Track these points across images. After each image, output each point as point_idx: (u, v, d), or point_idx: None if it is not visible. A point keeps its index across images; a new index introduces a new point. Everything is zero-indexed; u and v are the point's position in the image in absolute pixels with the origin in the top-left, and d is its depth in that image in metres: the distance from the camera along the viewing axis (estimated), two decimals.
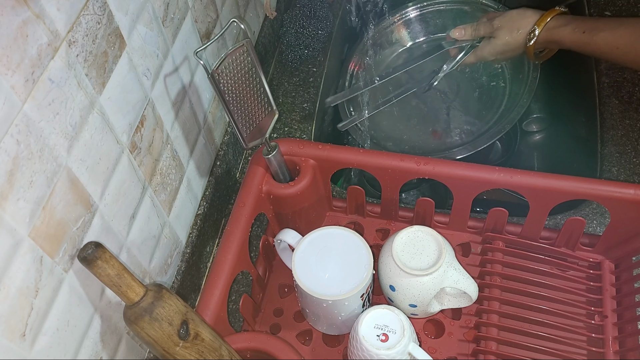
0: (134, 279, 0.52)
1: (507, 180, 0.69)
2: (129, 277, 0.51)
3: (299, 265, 0.67)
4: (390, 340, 0.61)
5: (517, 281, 0.74)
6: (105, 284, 0.51)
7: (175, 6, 0.67)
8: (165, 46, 0.65)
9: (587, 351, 0.68)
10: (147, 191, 0.64)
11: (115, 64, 0.55)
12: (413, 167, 0.72)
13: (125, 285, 0.51)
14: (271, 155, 0.71)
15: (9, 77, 0.41)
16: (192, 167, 0.76)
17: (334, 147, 0.75)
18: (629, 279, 0.71)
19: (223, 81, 0.60)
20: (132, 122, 0.60)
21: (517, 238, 0.76)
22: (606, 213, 0.78)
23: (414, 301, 0.68)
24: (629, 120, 0.88)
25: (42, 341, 0.48)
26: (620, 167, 0.84)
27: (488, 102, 1.02)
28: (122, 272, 0.51)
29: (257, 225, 0.84)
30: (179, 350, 0.55)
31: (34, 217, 0.46)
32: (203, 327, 0.58)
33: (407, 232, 0.69)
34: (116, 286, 0.51)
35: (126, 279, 0.51)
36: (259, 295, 0.76)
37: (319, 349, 0.72)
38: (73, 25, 0.48)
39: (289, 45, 1.02)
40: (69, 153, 0.50)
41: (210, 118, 0.81)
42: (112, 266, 0.50)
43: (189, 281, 0.76)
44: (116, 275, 0.50)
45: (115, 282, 0.51)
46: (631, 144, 0.86)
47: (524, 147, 1.13)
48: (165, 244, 0.70)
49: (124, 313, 0.54)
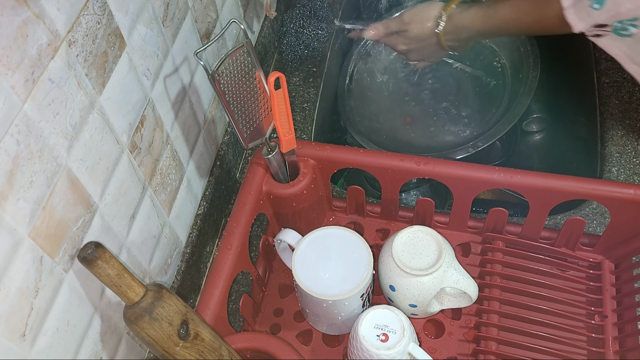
0: (134, 279, 0.52)
1: (507, 180, 0.69)
2: (128, 277, 0.51)
3: (299, 266, 0.67)
4: (390, 340, 0.61)
5: (517, 281, 0.74)
6: (105, 284, 0.51)
7: (175, 6, 0.67)
8: (165, 46, 0.65)
9: (587, 351, 0.68)
10: (147, 191, 0.64)
11: (115, 64, 0.55)
12: (413, 167, 0.72)
13: (125, 285, 0.51)
14: (271, 156, 0.71)
15: (9, 77, 0.41)
16: (192, 167, 0.76)
17: (334, 147, 0.75)
18: (629, 279, 0.71)
19: (223, 82, 0.60)
20: (132, 122, 0.60)
21: (517, 238, 0.76)
22: (606, 213, 0.78)
23: (414, 301, 0.68)
24: (629, 120, 0.88)
25: (42, 341, 0.48)
26: (620, 167, 0.84)
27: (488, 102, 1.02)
28: (122, 272, 0.51)
29: (257, 225, 0.84)
30: (179, 350, 0.55)
31: (34, 217, 0.46)
32: (203, 327, 0.58)
33: (407, 232, 0.69)
34: (116, 286, 0.51)
35: (126, 279, 0.51)
36: (259, 295, 0.76)
37: (319, 349, 0.72)
38: (73, 25, 0.48)
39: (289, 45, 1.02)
40: (69, 153, 0.50)
41: (210, 118, 0.81)
42: (112, 266, 0.50)
43: (189, 281, 0.76)
44: (116, 275, 0.50)
45: (115, 282, 0.51)
46: (631, 144, 0.86)
47: (524, 147, 1.13)
48: (165, 244, 0.70)
49: (124, 313, 0.54)
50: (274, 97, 0.64)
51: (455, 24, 0.81)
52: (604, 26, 0.61)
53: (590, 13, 0.60)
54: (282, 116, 0.66)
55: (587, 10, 0.60)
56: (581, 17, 0.62)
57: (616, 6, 0.58)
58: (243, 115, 0.65)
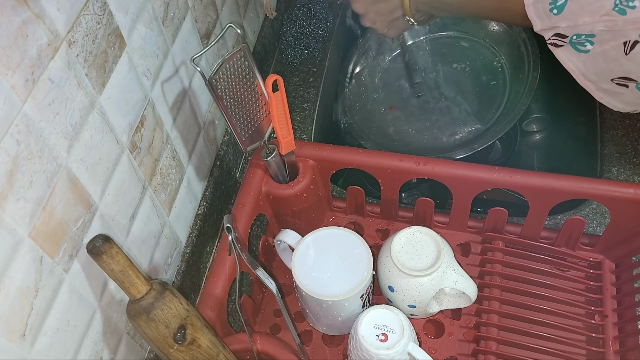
0: (138, 276, 0.52)
1: (507, 180, 0.69)
2: (133, 274, 0.52)
3: (298, 266, 0.67)
4: (390, 340, 0.61)
5: (517, 281, 0.74)
6: (109, 277, 0.52)
7: (175, 6, 0.67)
8: (165, 46, 0.65)
9: (587, 351, 0.68)
10: (147, 191, 0.64)
11: (115, 64, 0.55)
12: (413, 167, 0.72)
13: (128, 281, 0.52)
14: (270, 158, 0.71)
15: (9, 77, 0.41)
16: (192, 167, 0.76)
17: (333, 147, 0.75)
18: (629, 279, 0.71)
19: (221, 87, 0.61)
20: (132, 122, 0.60)
21: (517, 238, 0.76)
22: (606, 213, 0.78)
23: (413, 302, 0.68)
24: (629, 120, 0.88)
25: (42, 341, 0.48)
26: (620, 167, 0.84)
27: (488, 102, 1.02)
28: (126, 269, 0.51)
29: (257, 225, 0.84)
30: (172, 352, 0.55)
31: (34, 217, 0.46)
32: (202, 334, 0.58)
33: (406, 233, 0.69)
34: (120, 281, 0.52)
35: (130, 275, 0.52)
36: (259, 295, 0.76)
37: (319, 349, 0.72)
38: (73, 25, 0.48)
39: (289, 45, 1.02)
40: (69, 153, 0.50)
41: (211, 118, 0.81)
42: (117, 262, 0.51)
43: (189, 281, 0.76)
44: (120, 271, 0.51)
45: (119, 278, 0.52)
46: (631, 144, 0.86)
47: (524, 147, 1.13)
48: (165, 244, 0.70)
49: (127, 306, 0.55)
50: (272, 100, 0.64)
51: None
52: (564, 37, 0.60)
53: (549, 16, 0.59)
54: (281, 119, 0.66)
55: (546, 12, 0.59)
56: (540, 17, 0.60)
57: (574, 16, 0.57)
58: (241, 118, 0.65)
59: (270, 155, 0.71)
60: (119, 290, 0.59)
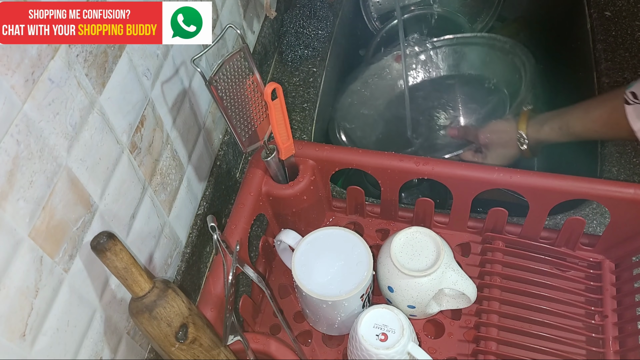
0: (141, 274, 0.53)
1: (506, 180, 0.69)
2: (136, 271, 0.52)
3: (298, 266, 0.67)
4: (390, 339, 0.61)
5: (517, 281, 0.74)
6: (113, 274, 0.52)
7: None
8: (165, 46, 0.65)
9: (587, 351, 0.68)
10: (147, 191, 0.64)
11: (115, 64, 0.55)
12: (412, 167, 0.72)
13: (131, 279, 0.52)
14: (270, 158, 0.71)
15: (9, 77, 0.41)
16: (192, 167, 0.76)
17: (333, 147, 0.75)
18: (629, 279, 0.71)
19: (221, 87, 0.61)
20: (132, 122, 0.60)
21: (517, 238, 0.76)
22: (606, 213, 0.78)
23: (412, 302, 0.68)
24: None
25: (42, 341, 0.48)
26: (620, 167, 0.84)
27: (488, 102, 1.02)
28: (129, 266, 0.51)
29: (257, 225, 0.84)
30: (174, 350, 0.56)
31: (34, 217, 0.46)
32: (204, 333, 0.58)
33: (406, 233, 0.69)
34: (123, 278, 0.52)
35: (133, 273, 0.52)
36: (259, 295, 0.76)
37: (319, 350, 0.72)
38: None
39: (289, 45, 1.02)
40: (69, 153, 0.50)
41: (211, 118, 0.81)
42: (120, 259, 0.51)
43: (189, 281, 0.76)
44: (123, 268, 0.51)
45: (122, 275, 0.52)
46: (631, 144, 0.86)
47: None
48: (165, 244, 0.70)
49: (129, 303, 0.55)
50: (271, 108, 0.64)
51: (535, 140, 0.85)
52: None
53: None
54: (280, 126, 0.67)
55: None
56: None
57: None
58: (241, 119, 0.65)
59: (270, 155, 0.71)
60: (119, 290, 0.59)
